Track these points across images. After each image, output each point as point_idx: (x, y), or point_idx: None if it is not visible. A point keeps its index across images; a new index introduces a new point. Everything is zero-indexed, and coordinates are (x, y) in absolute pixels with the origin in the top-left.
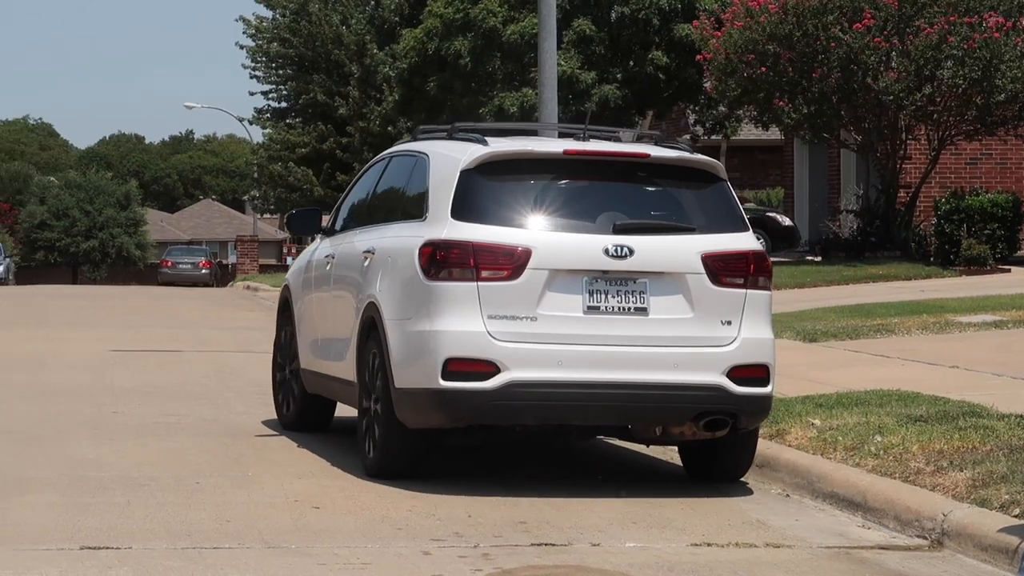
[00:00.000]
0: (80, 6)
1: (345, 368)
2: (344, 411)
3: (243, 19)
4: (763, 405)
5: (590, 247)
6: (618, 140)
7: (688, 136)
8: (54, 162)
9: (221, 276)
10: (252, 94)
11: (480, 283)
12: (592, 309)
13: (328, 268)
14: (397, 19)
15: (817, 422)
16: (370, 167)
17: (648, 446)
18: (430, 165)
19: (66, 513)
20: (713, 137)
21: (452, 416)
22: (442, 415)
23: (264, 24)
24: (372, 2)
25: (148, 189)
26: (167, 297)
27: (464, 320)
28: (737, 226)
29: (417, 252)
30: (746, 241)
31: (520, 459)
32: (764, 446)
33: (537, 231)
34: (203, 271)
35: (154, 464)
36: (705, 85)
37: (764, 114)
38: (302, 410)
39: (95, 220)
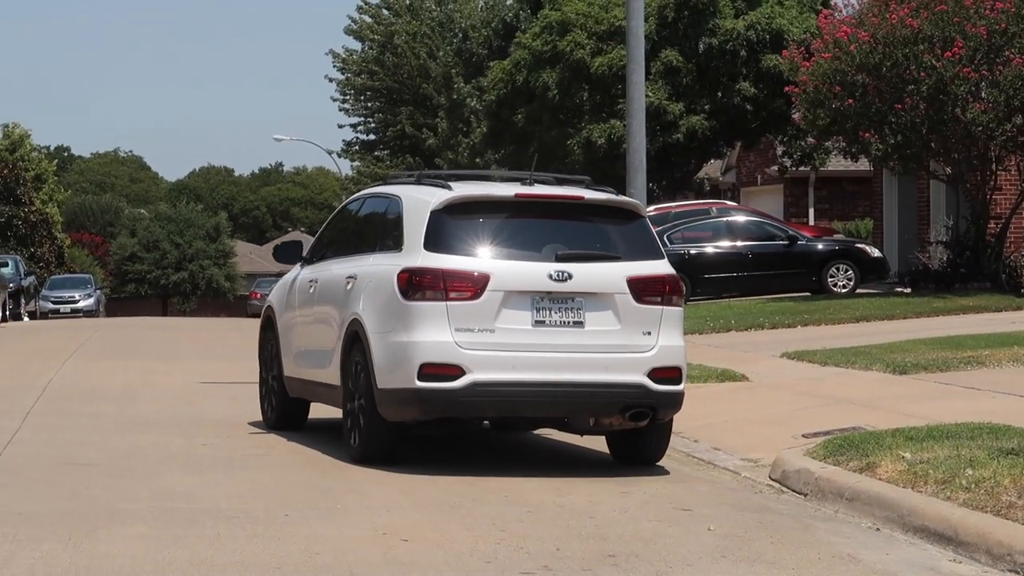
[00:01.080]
0: (169, 42)
1: (329, 374)
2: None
3: (333, 52)
4: (677, 400)
5: (537, 272)
6: (558, 184)
7: (776, 167)
8: (144, 194)
9: None
10: (341, 127)
11: (448, 302)
12: (539, 323)
13: (311, 291)
14: (485, 52)
15: (907, 455)
16: (345, 206)
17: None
18: (403, 206)
19: (156, 545)
20: (801, 168)
21: (426, 410)
22: (418, 410)
23: (353, 57)
24: (460, 35)
25: (237, 221)
26: (256, 328)
27: (436, 332)
28: (655, 255)
29: (396, 277)
30: (662, 267)
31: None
32: (854, 479)
33: (494, 260)
34: None
35: (243, 496)
36: (793, 116)
37: (852, 145)
38: (282, 412)
39: (185, 252)
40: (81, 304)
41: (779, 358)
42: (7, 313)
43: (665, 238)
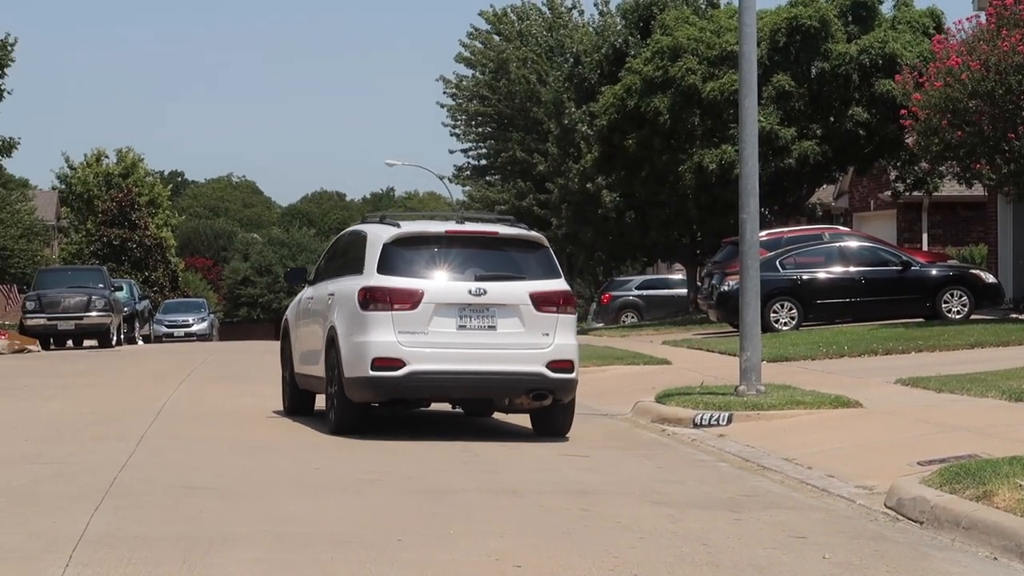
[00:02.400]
0: (282, 68)
1: (319, 369)
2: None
3: (443, 78)
4: (570, 385)
5: (460, 289)
6: (485, 223)
7: (889, 192)
8: (257, 219)
9: None
10: (452, 152)
11: (393, 312)
12: (462, 327)
13: (309, 305)
14: (595, 77)
15: None
16: (336, 239)
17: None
18: (367, 240)
19: (270, 569)
20: (914, 193)
21: (378, 394)
22: (372, 393)
23: (464, 83)
24: (571, 60)
25: None
26: None
27: (384, 334)
28: (554, 275)
29: (356, 294)
30: (558, 285)
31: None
32: (971, 508)
33: (427, 280)
34: None
35: (356, 520)
36: (906, 141)
37: (966, 172)
38: (295, 401)
39: None
40: (195, 328)
41: (893, 384)
42: (122, 337)
43: (777, 263)
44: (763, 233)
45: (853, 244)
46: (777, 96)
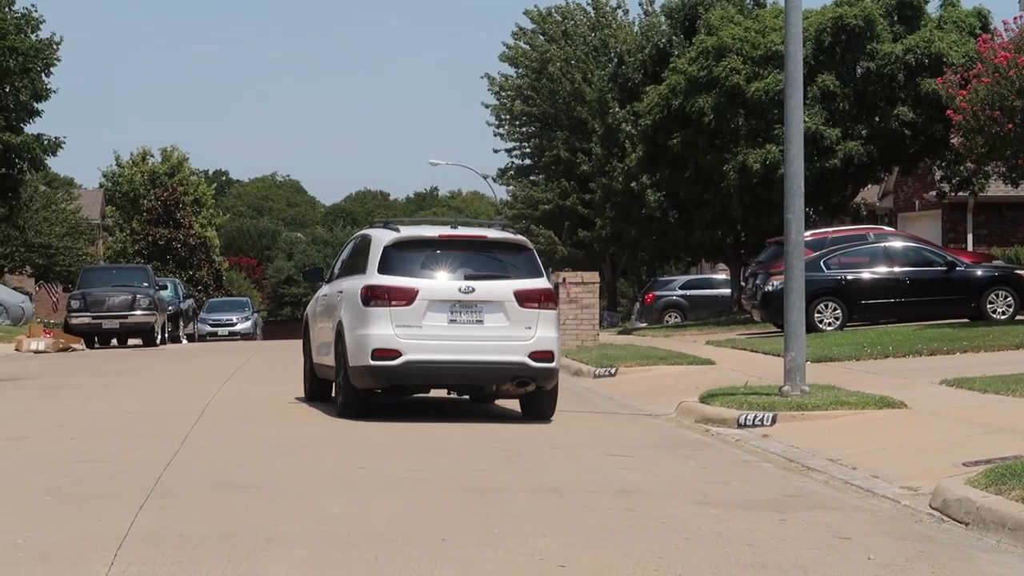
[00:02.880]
0: (326, 67)
1: (331, 359)
2: None
3: (488, 76)
4: (550, 373)
5: (451, 287)
6: (476, 227)
7: (934, 192)
8: (301, 218)
9: None
10: (496, 152)
11: (391, 308)
12: (452, 321)
13: (324, 302)
14: (640, 76)
15: None
16: (348, 242)
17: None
18: (371, 243)
19: (314, 568)
20: (960, 194)
21: (378, 381)
22: (372, 380)
23: (508, 82)
24: (615, 60)
25: None
26: None
27: (383, 328)
28: (536, 275)
29: (359, 291)
30: (540, 283)
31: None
32: (1017, 508)
33: (423, 279)
34: None
35: (401, 520)
36: (952, 141)
37: (1013, 171)
38: (314, 388)
39: None
40: (238, 327)
41: (938, 385)
42: (166, 336)
43: (821, 263)
44: (808, 233)
45: (898, 244)
46: (822, 96)
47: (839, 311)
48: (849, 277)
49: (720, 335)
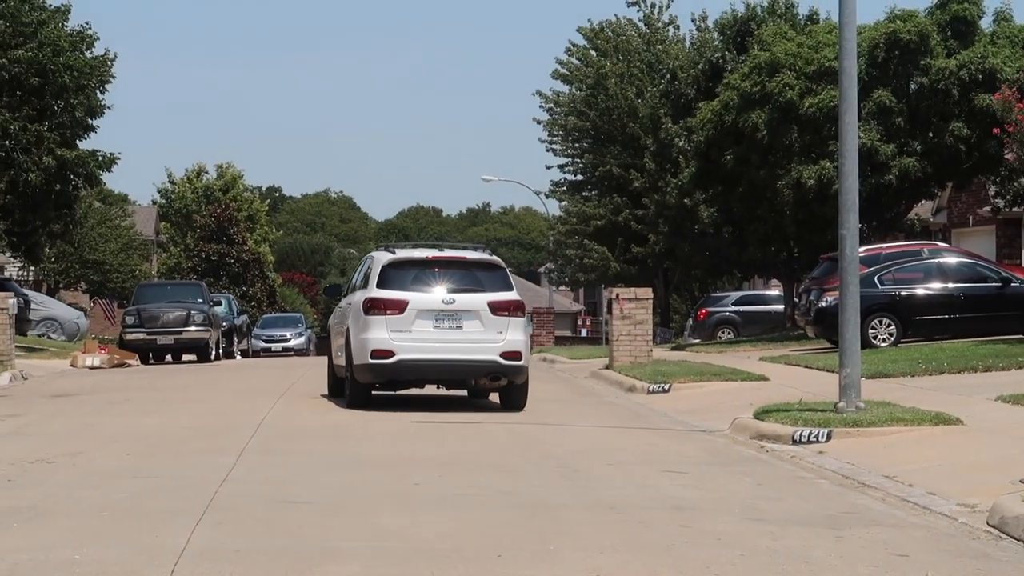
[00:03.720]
0: (377, 84)
1: (343, 360)
2: None
3: (540, 93)
4: (519, 370)
5: (435, 299)
6: (458, 249)
7: (988, 207)
8: (354, 234)
9: None
10: (548, 168)
11: (386, 316)
12: (437, 327)
13: (340, 313)
14: (692, 92)
15: None
16: (362, 262)
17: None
18: (373, 263)
19: None
20: (1014, 209)
21: (376, 377)
22: (372, 376)
23: (561, 98)
24: (667, 76)
25: None
26: None
27: (379, 332)
28: (507, 289)
29: (362, 303)
30: (511, 295)
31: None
32: None
33: (412, 292)
34: None
35: (456, 536)
36: (1007, 156)
37: None
38: (335, 385)
39: None
40: (292, 343)
41: (994, 401)
42: (220, 351)
43: (875, 279)
44: (861, 249)
45: (952, 260)
46: (876, 111)
47: (893, 327)
48: (903, 293)
49: (774, 351)
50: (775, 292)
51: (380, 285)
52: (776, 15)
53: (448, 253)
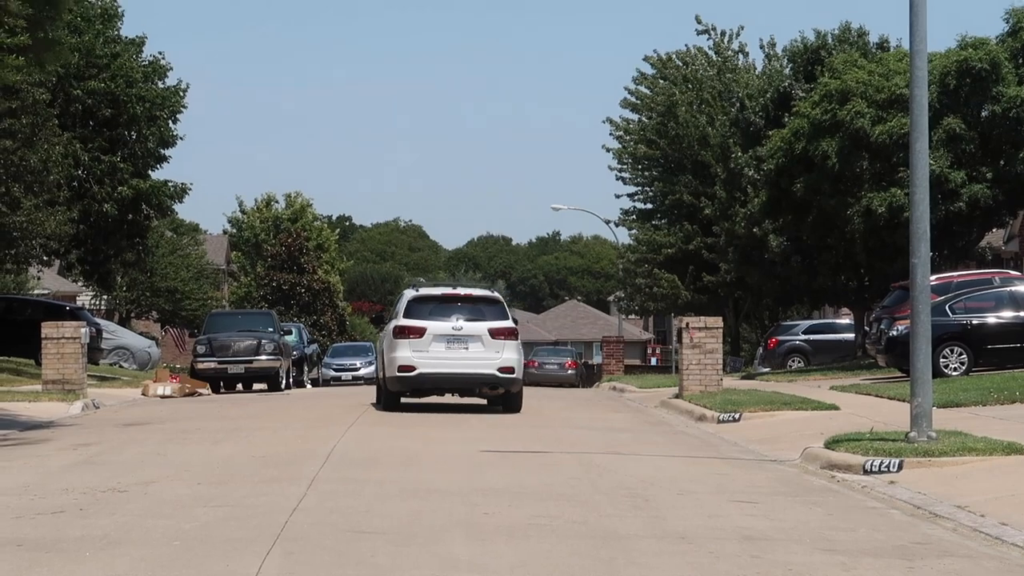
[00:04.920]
0: (447, 113)
1: (381, 375)
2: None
3: (610, 120)
4: (514, 382)
5: (448, 326)
6: (467, 287)
7: None
8: (424, 263)
9: (587, 376)
10: (618, 196)
11: (410, 340)
12: (449, 347)
13: (381, 337)
14: (761, 121)
15: None
16: (398, 297)
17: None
18: (403, 298)
19: None
20: None
21: (402, 386)
22: (399, 386)
23: (630, 126)
24: (737, 104)
25: (515, 290)
26: (534, 397)
27: (405, 352)
28: (504, 318)
29: (392, 329)
30: (506, 323)
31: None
32: None
33: (430, 320)
34: (569, 371)
35: (526, 566)
36: None
37: None
38: (381, 396)
39: None
40: (362, 372)
41: None
42: (291, 380)
43: (947, 308)
44: (932, 277)
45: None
46: (947, 139)
47: (964, 356)
48: (975, 322)
49: (844, 380)
50: (845, 321)
51: (406, 315)
52: (847, 43)
53: (460, 291)
